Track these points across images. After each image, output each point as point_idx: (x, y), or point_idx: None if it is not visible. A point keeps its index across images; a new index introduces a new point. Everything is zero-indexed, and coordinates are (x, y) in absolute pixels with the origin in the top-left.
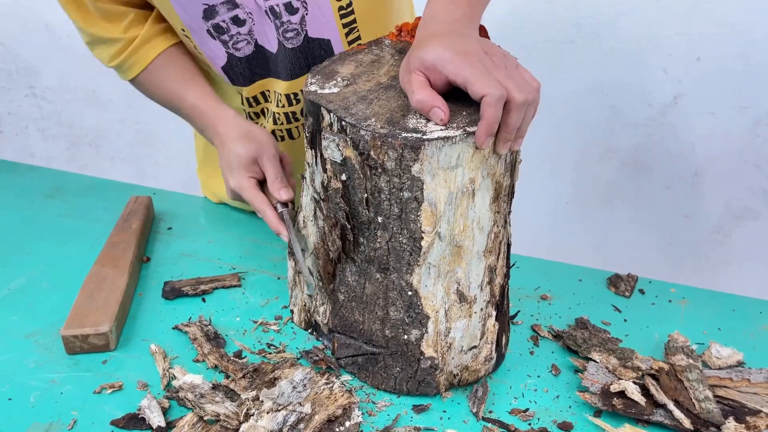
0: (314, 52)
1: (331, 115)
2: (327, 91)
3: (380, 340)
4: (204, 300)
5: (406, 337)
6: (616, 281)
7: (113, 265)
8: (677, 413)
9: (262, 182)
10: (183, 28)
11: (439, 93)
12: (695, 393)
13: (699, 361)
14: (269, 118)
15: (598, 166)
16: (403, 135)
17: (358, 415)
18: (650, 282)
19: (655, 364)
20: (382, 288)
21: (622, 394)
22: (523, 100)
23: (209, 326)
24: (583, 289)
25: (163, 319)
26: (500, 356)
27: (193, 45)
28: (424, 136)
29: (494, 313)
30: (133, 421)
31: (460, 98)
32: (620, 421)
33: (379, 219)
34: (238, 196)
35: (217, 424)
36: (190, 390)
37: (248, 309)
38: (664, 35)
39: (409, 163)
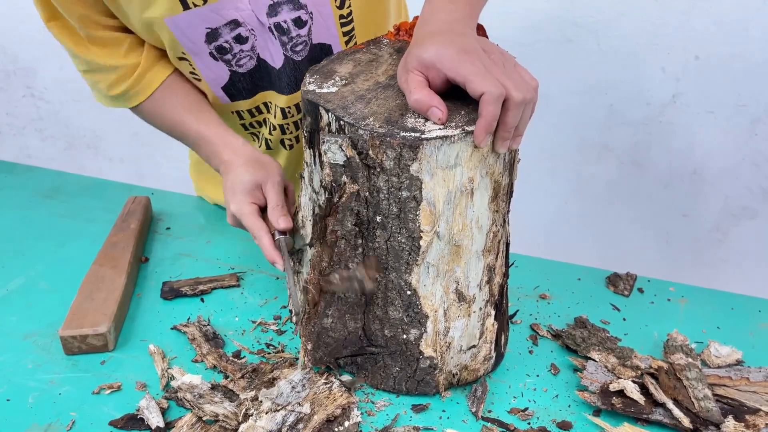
0: (318, 59)
1: (329, 114)
2: (325, 90)
3: (379, 339)
4: (203, 300)
5: (405, 336)
6: (615, 280)
7: (112, 266)
8: (676, 412)
9: (264, 209)
10: (183, 52)
11: (437, 92)
12: (694, 392)
13: (698, 360)
14: (268, 127)
15: (597, 165)
16: (402, 134)
17: (357, 415)
18: (649, 281)
19: (654, 363)
20: (381, 288)
21: (621, 393)
22: (521, 99)
23: (208, 326)
24: (582, 288)
25: (162, 320)
26: (499, 355)
27: (190, 69)
28: (423, 136)
29: (493, 313)
30: (132, 422)
31: (459, 97)
32: (619, 420)
33: (378, 218)
34: (237, 222)
35: (216, 425)
36: (189, 390)
37: (247, 309)
38: (662, 34)
39: (408, 163)
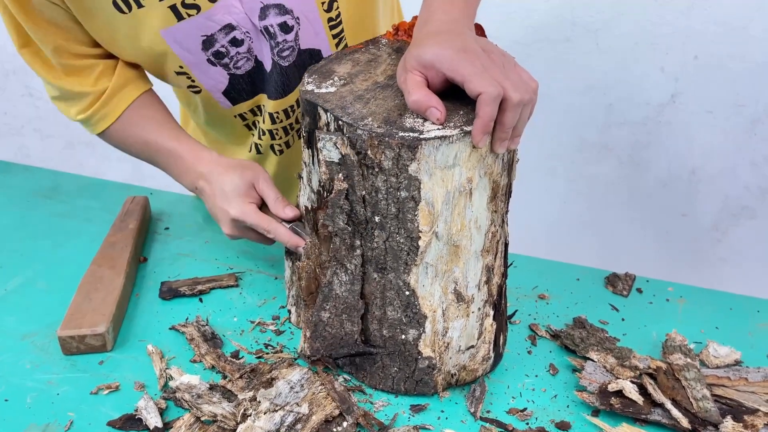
0: (306, 64)
1: (328, 114)
2: (324, 90)
3: (378, 340)
4: (201, 300)
5: (404, 336)
6: (613, 280)
7: (110, 266)
8: (675, 412)
9: (260, 208)
10: (181, 66)
11: (436, 92)
12: (693, 392)
13: (697, 360)
14: (258, 132)
15: (596, 165)
16: (400, 134)
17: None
18: (648, 281)
19: (653, 363)
20: (380, 288)
21: (619, 394)
22: (519, 100)
23: (206, 326)
24: (581, 289)
25: (160, 320)
26: (498, 356)
27: (188, 83)
28: (421, 136)
29: (492, 313)
30: (130, 422)
31: (458, 98)
32: (618, 420)
33: (377, 218)
34: (236, 229)
35: (215, 425)
36: (187, 390)
37: (245, 309)
38: (661, 33)
39: (406, 163)
